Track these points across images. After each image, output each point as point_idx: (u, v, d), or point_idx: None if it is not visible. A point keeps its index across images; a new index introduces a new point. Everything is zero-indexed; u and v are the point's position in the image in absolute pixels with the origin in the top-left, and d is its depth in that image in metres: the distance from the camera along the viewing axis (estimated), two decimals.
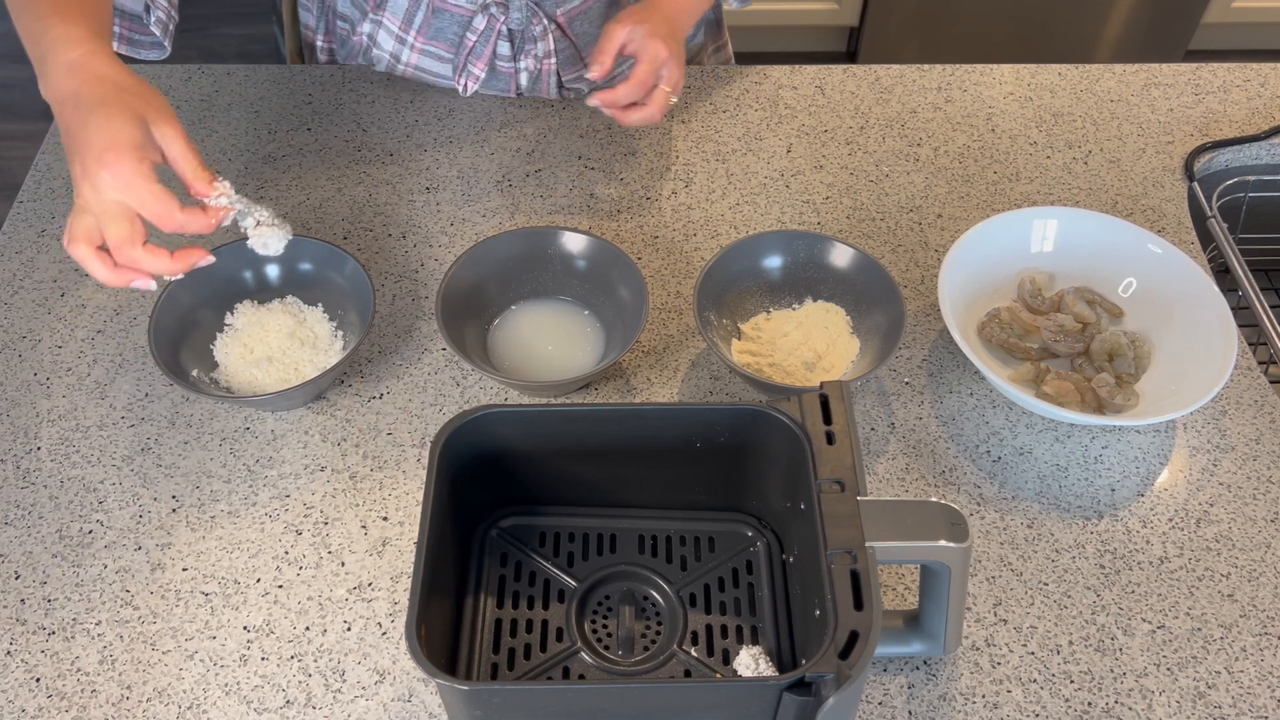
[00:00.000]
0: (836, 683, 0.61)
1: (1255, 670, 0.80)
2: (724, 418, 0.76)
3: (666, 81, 1.02)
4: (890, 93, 1.24)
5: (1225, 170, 1.20)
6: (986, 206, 1.12)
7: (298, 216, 1.09)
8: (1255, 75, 1.27)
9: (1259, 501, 0.90)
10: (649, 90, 1.01)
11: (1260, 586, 0.85)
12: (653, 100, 1.02)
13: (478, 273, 0.97)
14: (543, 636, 0.76)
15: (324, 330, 0.96)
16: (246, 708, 0.77)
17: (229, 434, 0.92)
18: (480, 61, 1.14)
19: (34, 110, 2.69)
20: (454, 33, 1.14)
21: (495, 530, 0.81)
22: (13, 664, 0.79)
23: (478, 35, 1.13)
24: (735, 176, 1.15)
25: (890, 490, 0.90)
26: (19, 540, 0.86)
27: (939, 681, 0.79)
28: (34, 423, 0.93)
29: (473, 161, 1.15)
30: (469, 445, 0.75)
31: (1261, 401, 0.96)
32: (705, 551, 0.81)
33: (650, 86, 1.01)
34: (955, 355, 0.99)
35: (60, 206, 1.10)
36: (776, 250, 1.00)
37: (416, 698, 0.78)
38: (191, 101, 1.21)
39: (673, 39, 1.02)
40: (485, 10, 1.11)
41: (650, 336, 1.00)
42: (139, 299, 1.02)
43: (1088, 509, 0.89)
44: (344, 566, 0.85)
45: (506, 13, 1.12)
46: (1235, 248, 1.09)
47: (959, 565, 0.71)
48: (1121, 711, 0.78)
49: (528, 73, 1.17)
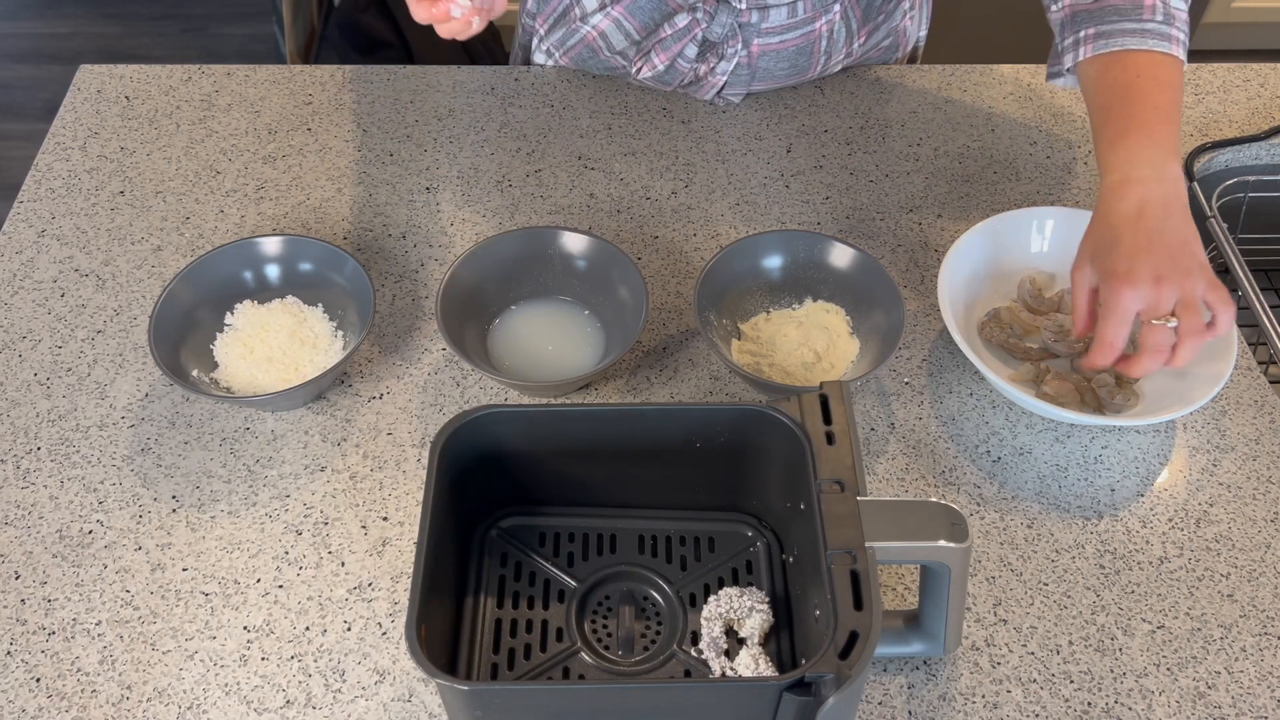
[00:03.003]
0: (836, 683, 0.61)
1: (1255, 670, 0.80)
2: (724, 418, 0.76)
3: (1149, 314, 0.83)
4: (890, 93, 1.24)
5: (1225, 170, 1.20)
6: (986, 206, 1.12)
7: (298, 216, 1.09)
8: (1255, 75, 1.27)
9: (1259, 501, 0.90)
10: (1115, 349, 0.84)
11: (1260, 586, 0.85)
12: (1142, 341, 0.83)
13: (478, 273, 0.97)
14: (543, 636, 0.76)
15: (324, 330, 0.96)
16: (246, 708, 0.77)
17: (229, 434, 0.92)
18: (665, 54, 1.15)
19: (34, 110, 2.70)
20: (652, 18, 1.14)
21: (495, 530, 0.81)
22: (13, 664, 0.79)
23: (675, 31, 1.13)
24: (735, 176, 1.15)
25: (890, 490, 0.90)
26: (19, 540, 0.86)
27: (939, 681, 0.79)
28: (34, 423, 0.93)
29: (473, 161, 1.15)
30: (469, 445, 0.75)
31: (1261, 401, 0.96)
32: (705, 551, 0.81)
33: (1118, 346, 0.84)
34: (955, 355, 0.99)
35: (60, 206, 1.10)
36: (776, 250, 1.00)
37: (416, 698, 0.78)
38: (191, 101, 1.21)
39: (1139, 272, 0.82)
40: (691, 11, 1.12)
41: (650, 336, 1.00)
42: (139, 299, 1.02)
43: (1087, 509, 0.89)
44: (344, 566, 0.85)
45: (710, 21, 1.12)
46: (1235, 248, 1.09)
47: (959, 565, 0.71)
48: (1121, 711, 0.78)
49: (696, 74, 1.18)
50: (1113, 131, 0.88)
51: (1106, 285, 0.84)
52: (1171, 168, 0.86)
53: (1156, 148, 0.87)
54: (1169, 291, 0.82)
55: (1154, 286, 0.82)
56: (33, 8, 2.97)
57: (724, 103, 1.21)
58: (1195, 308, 0.82)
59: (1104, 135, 0.89)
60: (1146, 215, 0.84)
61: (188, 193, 1.12)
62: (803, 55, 1.17)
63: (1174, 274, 0.82)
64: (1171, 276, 0.82)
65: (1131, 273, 0.82)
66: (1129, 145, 0.87)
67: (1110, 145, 0.88)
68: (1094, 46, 0.92)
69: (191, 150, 1.16)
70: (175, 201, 1.11)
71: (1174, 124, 0.88)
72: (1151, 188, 0.85)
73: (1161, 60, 0.90)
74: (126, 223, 1.09)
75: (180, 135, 1.17)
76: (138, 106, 1.20)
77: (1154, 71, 0.89)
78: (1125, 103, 0.89)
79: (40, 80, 2.78)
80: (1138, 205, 0.85)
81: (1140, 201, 0.85)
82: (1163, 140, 0.87)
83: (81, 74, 1.24)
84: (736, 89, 1.19)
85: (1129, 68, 0.90)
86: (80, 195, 1.11)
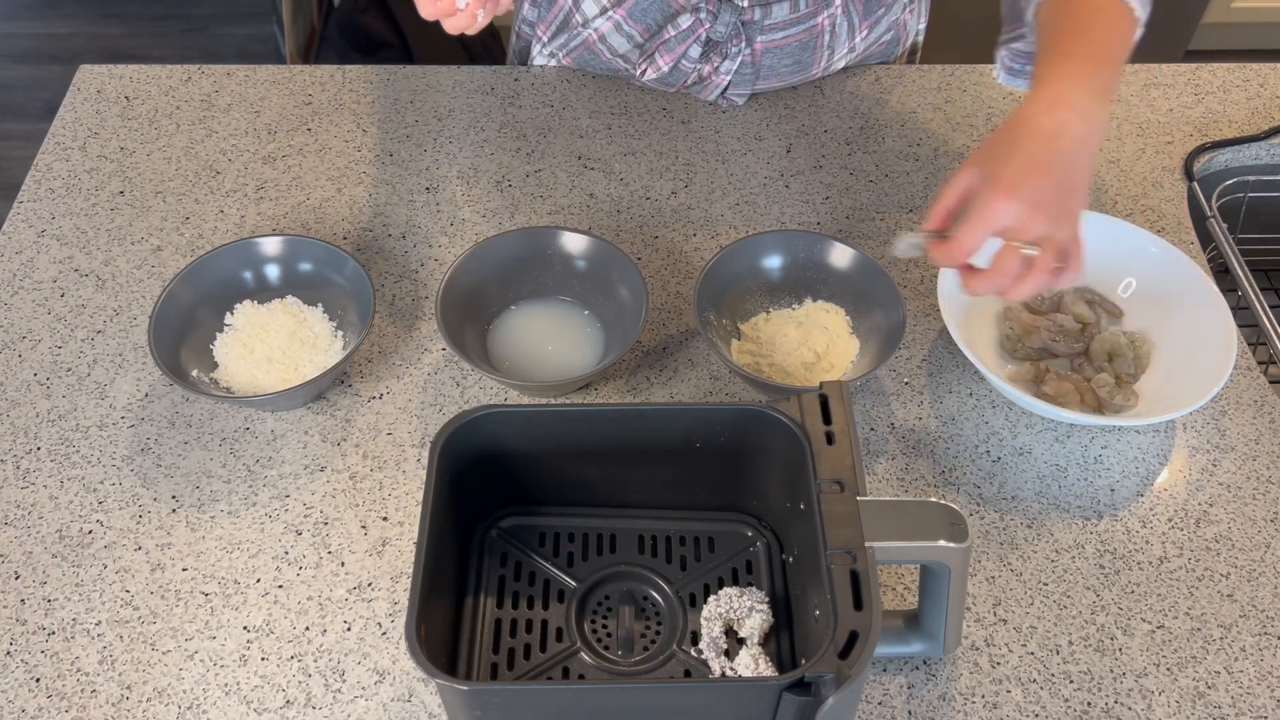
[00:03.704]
0: (836, 683, 0.61)
1: (1255, 670, 0.80)
2: (724, 418, 0.76)
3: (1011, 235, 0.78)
4: (891, 93, 1.24)
5: (1225, 170, 1.20)
6: None
7: (298, 216, 1.09)
8: (1255, 75, 1.27)
9: (1259, 501, 0.90)
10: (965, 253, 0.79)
11: (1260, 586, 0.85)
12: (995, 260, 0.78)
13: (478, 273, 0.97)
14: (543, 636, 0.76)
15: (324, 330, 0.96)
16: (246, 708, 0.77)
17: (229, 434, 0.92)
18: (669, 56, 1.15)
19: (34, 110, 2.70)
20: (655, 20, 1.15)
21: (495, 530, 0.81)
22: (13, 664, 0.79)
23: (678, 32, 1.13)
24: (735, 176, 1.15)
25: (890, 490, 0.90)
26: (19, 540, 0.86)
27: (939, 681, 0.79)
28: (34, 423, 0.93)
29: (473, 161, 1.15)
30: (469, 445, 0.75)
31: (1261, 401, 0.96)
32: (705, 551, 0.81)
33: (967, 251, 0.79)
34: (955, 355, 0.99)
35: (60, 207, 1.10)
36: (776, 250, 1.00)
37: (416, 698, 0.78)
38: (191, 101, 1.21)
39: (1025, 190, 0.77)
40: (695, 12, 1.12)
41: (650, 336, 1.00)
42: (139, 299, 1.02)
43: (1087, 509, 0.89)
44: (344, 566, 0.85)
45: (713, 21, 1.12)
46: (1235, 248, 1.09)
47: (959, 565, 0.71)
48: (1121, 711, 0.78)
49: (700, 75, 1.18)
50: (1058, 53, 0.85)
51: (988, 187, 0.78)
52: (1101, 110, 0.82)
53: (1096, 82, 0.83)
54: (1041, 222, 0.77)
55: (1030, 210, 0.77)
56: (33, 8, 2.97)
57: (727, 103, 1.21)
58: (1056, 248, 0.78)
59: (1049, 54, 0.85)
60: (1059, 140, 0.80)
61: (188, 193, 1.12)
62: (806, 51, 1.17)
63: (1054, 207, 0.77)
64: (1050, 207, 0.77)
65: (1016, 186, 0.77)
66: (1070, 69, 0.83)
67: (1049, 65, 0.84)
68: None
69: (191, 150, 1.16)
70: (175, 201, 1.11)
71: (1117, 68, 0.85)
72: (1076, 119, 0.81)
73: (1117, 8, 0.87)
74: (126, 223, 1.09)
75: (180, 135, 1.17)
76: (138, 106, 1.20)
77: (1109, 18, 0.87)
78: (1075, 33, 0.86)
79: (40, 80, 2.78)
80: (1055, 127, 0.80)
81: (1059, 125, 0.80)
82: (1104, 79, 0.84)
83: (81, 74, 1.24)
84: (741, 89, 1.19)
85: (1084, 8, 0.87)
86: (80, 195, 1.11)
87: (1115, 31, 0.87)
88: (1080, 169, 0.80)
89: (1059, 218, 0.77)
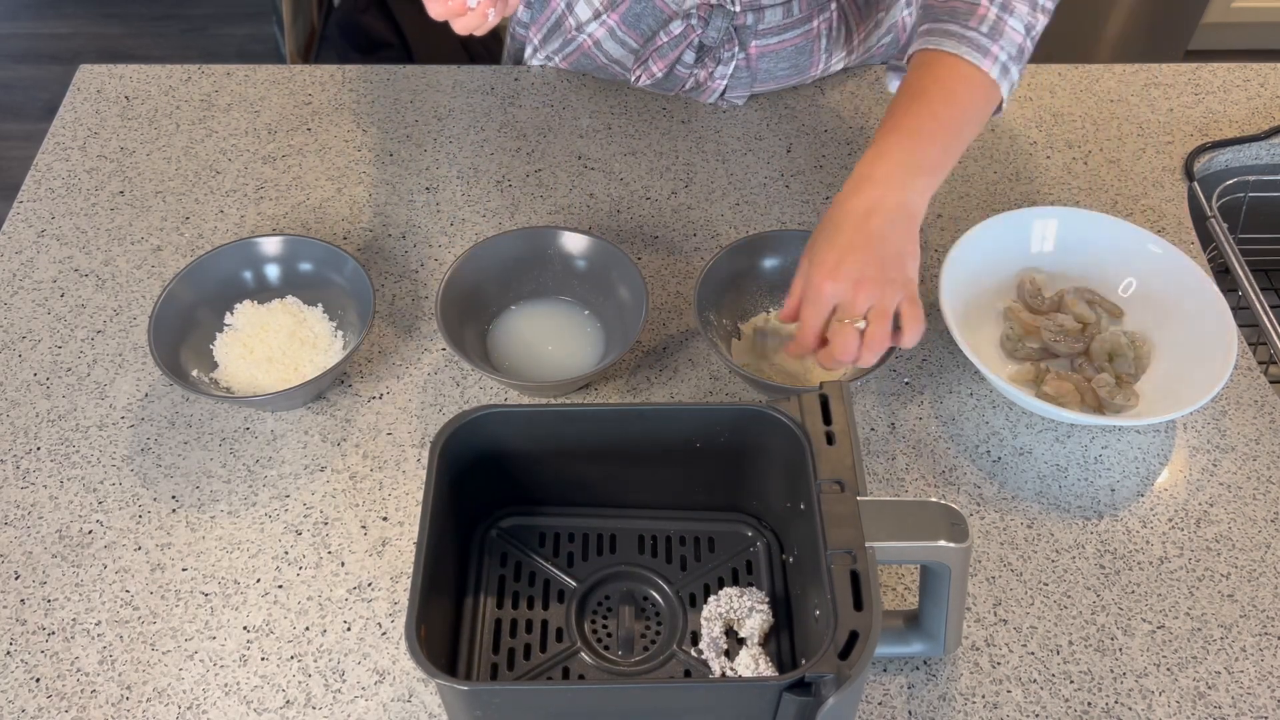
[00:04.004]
0: (836, 683, 0.61)
1: (1255, 670, 0.80)
2: (724, 418, 0.76)
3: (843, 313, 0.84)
4: (891, 93, 1.24)
5: (1225, 170, 1.20)
6: (986, 206, 1.12)
7: (298, 216, 1.09)
8: (1255, 75, 1.27)
9: (1259, 501, 0.90)
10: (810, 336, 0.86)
11: (1260, 586, 0.85)
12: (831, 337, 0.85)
13: (478, 273, 0.97)
14: (543, 636, 0.76)
15: (324, 330, 0.96)
16: (246, 708, 0.77)
17: (229, 434, 0.92)
18: (663, 62, 1.15)
19: (34, 110, 2.70)
20: (649, 26, 1.14)
21: (495, 530, 0.81)
22: (13, 664, 0.79)
23: (670, 38, 1.13)
24: (735, 176, 1.15)
25: (890, 490, 0.90)
26: (19, 540, 0.86)
27: (939, 681, 0.79)
28: (34, 423, 0.93)
29: (473, 161, 1.15)
30: (469, 445, 0.75)
31: (1261, 401, 0.96)
32: (705, 551, 0.81)
33: (812, 333, 0.86)
34: (955, 355, 0.99)
35: (60, 206, 1.10)
36: (776, 250, 1.00)
37: (416, 698, 0.78)
38: (191, 101, 1.21)
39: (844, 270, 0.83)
40: (686, 18, 1.12)
41: (650, 336, 1.00)
42: (139, 299, 1.02)
43: (1088, 509, 0.89)
44: (344, 566, 0.85)
45: (705, 27, 1.12)
46: (1235, 248, 1.09)
47: (959, 565, 0.71)
48: (1121, 711, 0.78)
49: (696, 80, 1.18)
50: (883, 130, 0.89)
51: (813, 272, 0.85)
52: (917, 180, 0.87)
53: (910, 158, 0.87)
54: (865, 295, 0.83)
55: (853, 287, 0.83)
56: (33, 8, 2.97)
57: (727, 104, 1.21)
58: (886, 317, 0.83)
59: (879, 129, 0.90)
60: (873, 218, 0.85)
61: (188, 193, 1.12)
62: (802, 55, 1.17)
63: (876, 280, 0.83)
64: (873, 282, 0.83)
65: (837, 268, 0.84)
66: (887, 146, 0.88)
67: (875, 141, 0.89)
68: (922, 42, 0.92)
69: (191, 150, 1.16)
70: (175, 201, 1.11)
71: (945, 139, 0.88)
72: (889, 194, 0.86)
73: (967, 73, 0.89)
74: (126, 223, 1.09)
75: (180, 135, 1.17)
76: (138, 106, 1.20)
77: (952, 83, 0.89)
78: (908, 105, 0.89)
79: (40, 80, 2.78)
80: (867, 206, 0.85)
81: (871, 203, 0.86)
82: (921, 155, 0.87)
83: (81, 74, 1.24)
84: (738, 92, 1.19)
85: (932, 72, 0.90)
86: (80, 195, 1.11)
87: (954, 102, 0.89)
88: (899, 238, 0.85)
89: (884, 288, 0.83)
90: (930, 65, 0.90)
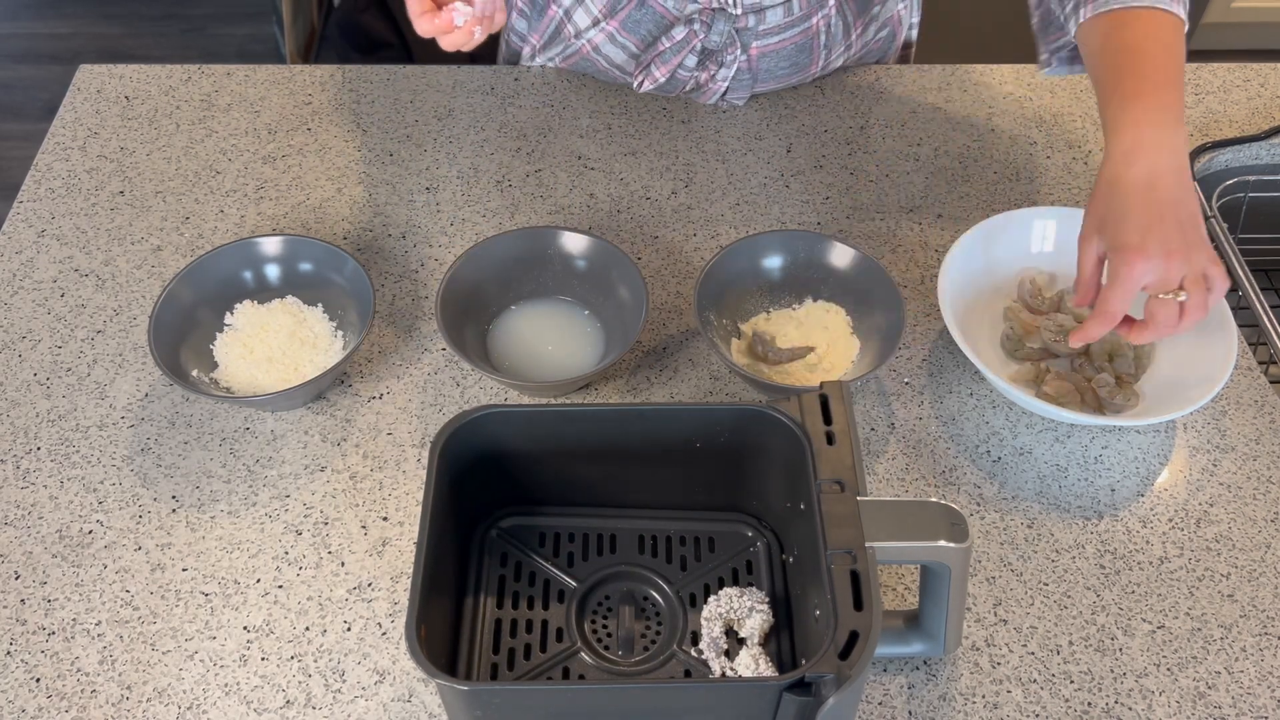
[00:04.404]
0: (836, 683, 0.61)
1: (1255, 670, 0.80)
2: (724, 418, 0.76)
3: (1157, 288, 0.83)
4: (891, 92, 1.24)
5: (1225, 170, 1.20)
6: (986, 206, 1.12)
7: (298, 216, 1.09)
8: (1255, 75, 1.27)
9: (1259, 501, 0.90)
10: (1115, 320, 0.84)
11: (1260, 586, 0.85)
12: (1150, 315, 0.84)
13: (478, 273, 0.97)
14: (543, 636, 0.76)
15: (324, 330, 0.96)
16: (246, 708, 0.77)
17: (229, 434, 0.92)
18: (665, 67, 1.15)
19: (34, 110, 2.70)
20: (649, 31, 1.14)
21: (495, 530, 0.81)
22: (13, 664, 0.79)
23: (672, 44, 1.13)
24: (735, 176, 1.15)
25: (890, 490, 0.90)
26: (19, 540, 0.86)
27: (939, 681, 0.79)
28: (34, 423, 0.93)
29: (473, 161, 1.15)
30: (469, 445, 0.75)
31: (1261, 401, 0.96)
32: (705, 551, 0.81)
33: (1118, 317, 0.84)
34: (955, 355, 0.99)
35: (60, 207, 1.10)
36: (776, 250, 1.00)
37: (416, 698, 0.78)
38: (191, 101, 1.21)
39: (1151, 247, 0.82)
40: (688, 24, 1.12)
41: (650, 336, 1.00)
42: (139, 299, 1.02)
43: (1088, 509, 0.89)
44: (344, 566, 0.85)
45: (708, 31, 1.12)
46: (1235, 248, 1.09)
47: (959, 565, 0.71)
48: (1121, 711, 0.78)
49: (697, 82, 1.18)
50: (1122, 93, 0.87)
51: (1118, 256, 0.83)
52: (1178, 137, 0.86)
53: (1166, 114, 0.86)
54: (1178, 266, 0.82)
55: (1165, 260, 0.82)
56: (33, 8, 2.97)
57: (727, 104, 1.21)
58: (1201, 282, 0.83)
59: (1113, 97, 0.88)
60: (1158, 187, 0.84)
61: (188, 193, 1.12)
62: (802, 53, 1.17)
63: (1183, 249, 0.82)
64: (1181, 251, 0.82)
65: (1144, 246, 0.82)
66: (1139, 109, 0.86)
67: (1120, 108, 0.87)
68: (1094, 7, 0.91)
69: (191, 150, 1.16)
70: (175, 201, 1.11)
71: (1180, 90, 0.88)
72: (1161, 157, 0.85)
73: (1164, 20, 0.89)
74: (126, 223, 1.09)
75: (180, 135, 1.17)
76: (138, 106, 1.20)
77: (1159, 34, 0.89)
78: (1134, 64, 0.88)
79: (40, 80, 2.78)
80: (1148, 175, 0.84)
81: (1150, 171, 0.84)
82: (1171, 107, 0.86)
83: (81, 74, 1.24)
84: (739, 93, 1.19)
85: (1134, 29, 0.89)
86: (80, 195, 1.11)
87: (1170, 52, 0.89)
88: (1186, 201, 0.84)
89: (1188, 254, 0.83)
90: (1128, 24, 0.89)
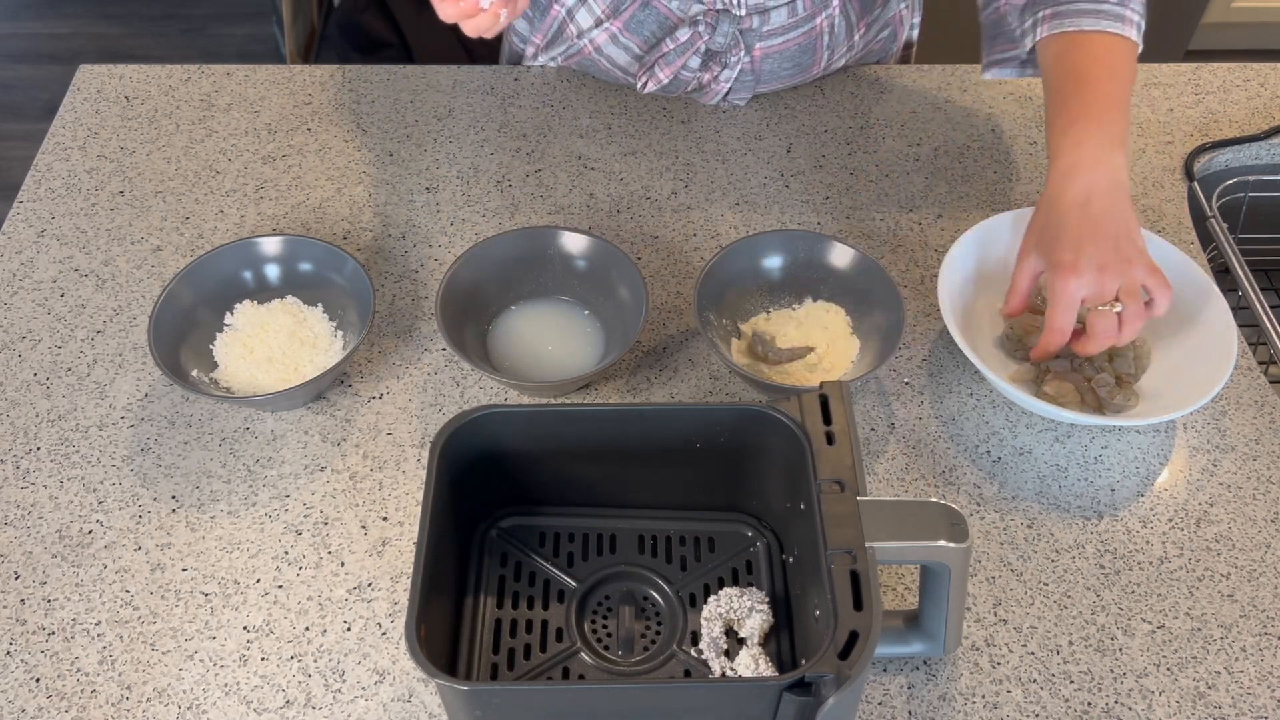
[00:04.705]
0: (836, 683, 0.61)
1: (1255, 670, 0.80)
2: (724, 418, 0.76)
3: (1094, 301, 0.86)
4: (890, 93, 1.24)
5: (1225, 170, 1.20)
6: (986, 206, 1.12)
7: (298, 216, 1.09)
8: (1255, 75, 1.27)
9: (1259, 501, 0.90)
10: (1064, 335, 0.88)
11: (1260, 586, 0.85)
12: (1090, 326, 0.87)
13: (478, 273, 0.97)
14: (543, 636, 0.76)
15: (324, 330, 0.96)
16: (246, 708, 0.77)
17: (229, 434, 0.92)
18: (669, 68, 1.15)
19: (34, 110, 2.70)
20: (653, 32, 1.14)
21: (495, 530, 0.81)
22: (13, 664, 0.79)
23: (676, 45, 1.13)
24: (735, 176, 1.15)
25: (890, 490, 0.90)
26: (19, 540, 0.86)
27: (939, 681, 0.79)
28: (34, 423, 0.93)
29: (473, 161, 1.15)
30: (469, 445, 0.75)
31: (1261, 401, 0.96)
32: (705, 551, 0.81)
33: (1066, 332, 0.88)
34: (955, 355, 0.99)
35: (60, 206, 1.10)
36: (776, 250, 1.00)
37: (416, 698, 0.78)
38: (191, 101, 1.21)
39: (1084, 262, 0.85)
40: (693, 25, 1.12)
41: (650, 336, 1.00)
42: (139, 299, 1.02)
43: (1088, 509, 0.89)
44: (344, 566, 0.85)
45: (712, 33, 1.12)
46: (1235, 248, 1.09)
47: (959, 565, 0.71)
48: (1121, 711, 0.78)
49: (700, 83, 1.18)
50: (1065, 118, 0.91)
51: (1053, 273, 0.87)
52: (1117, 156, 0.90)
53: (1104, 136, 0.90)
54: (1111, 279, 0.85)
55: (1098, 275, 0.85)
56: (33, 8, 2.97)
57: (729, 105, 1.21)
58: (1136, 293, 0.86)
59: (1056, 121, 0.92)
60: (1092, 203, 0.87)
61: (188, 193, 1.12)
62: (805, 54, 1.17)
63: (1116, 262, 0.86)
64: (1114, 265, 0.86)
65: (1077, 263, 0.86)
66: (1078, 132, 0.90)
67: (1062, 131, 0.91)
68: (1050, 26, 0.94)
69: (191, 150, 1.16)
70: (175, 201, 1.11)
71: (1123, 112, 0.91)
72: (1098, 175, 0.88)
73: (1115, 44, 0.93)
74: (126, 223, 1.09)
75: (180, 135, 1.17)
76: (138, 106, 1.20)
77: (1108, 58, 0.92)
78: (1078, 89, 0.91)
79: (40, 80, 2.78)
80: (1084, 193, 0.88)
81: (1087, 189, 0.88)
82: (1111, 129, 0.90)
83: (81, 74, 1.24)
84: (741, 93, 1.19)
85: (1085, 51, 0.93)
86: (80, 195, 1.11)
87: (1114, 76, 0.92)
88: (1121, 216, 0.88)
89: (1123, 268, 0.86)
90: (1079, 46, 0.93)
